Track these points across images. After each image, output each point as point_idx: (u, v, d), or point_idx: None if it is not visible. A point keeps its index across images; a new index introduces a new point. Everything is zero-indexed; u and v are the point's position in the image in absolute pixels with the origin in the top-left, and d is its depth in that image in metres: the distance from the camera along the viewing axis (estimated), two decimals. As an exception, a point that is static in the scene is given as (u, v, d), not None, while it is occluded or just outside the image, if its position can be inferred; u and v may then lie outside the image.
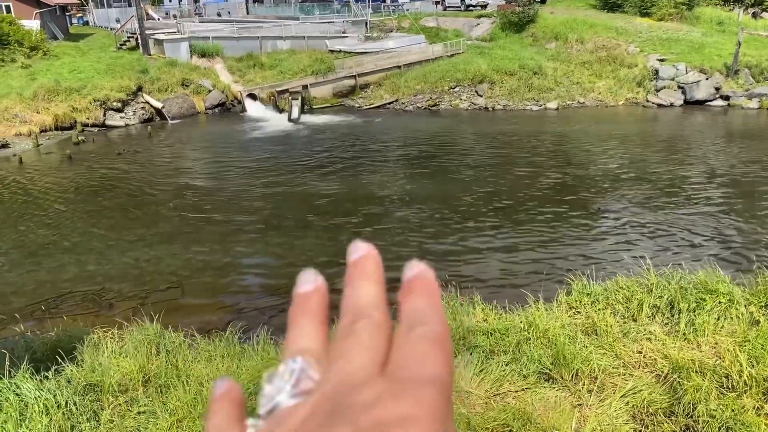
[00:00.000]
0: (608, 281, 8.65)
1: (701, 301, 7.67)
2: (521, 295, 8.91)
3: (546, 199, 17.12)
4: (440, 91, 33.31)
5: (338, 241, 14.46)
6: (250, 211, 16.92)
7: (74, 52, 35.97)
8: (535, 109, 31.19)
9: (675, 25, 38.59)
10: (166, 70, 32.93)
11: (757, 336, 6.75)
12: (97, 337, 8.07)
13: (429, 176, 19.73)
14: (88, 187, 19.68)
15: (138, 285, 12.50)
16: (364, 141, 25.47)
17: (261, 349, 7.21)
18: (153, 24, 44.38)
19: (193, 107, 31.76)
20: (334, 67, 35.09)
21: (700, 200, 16.62)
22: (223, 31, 38.69)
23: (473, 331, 7.18)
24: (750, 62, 31.76)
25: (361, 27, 42.39)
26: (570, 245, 13.88)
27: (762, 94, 29.77)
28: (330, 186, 19.01)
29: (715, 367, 6.35)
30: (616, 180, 18.68)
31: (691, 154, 21.73)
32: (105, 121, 29.10)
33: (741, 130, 25.79)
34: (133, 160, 23.23)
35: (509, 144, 23.99)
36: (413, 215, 16.13)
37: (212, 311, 11.29)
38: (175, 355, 7.39)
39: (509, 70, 33.42)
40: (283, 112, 31.70)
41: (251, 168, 21.54)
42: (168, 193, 18.93)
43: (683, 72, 32.13)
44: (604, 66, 34.12)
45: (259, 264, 13.53)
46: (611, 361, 6.63)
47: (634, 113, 30.06)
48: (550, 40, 37.74)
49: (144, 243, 14.79)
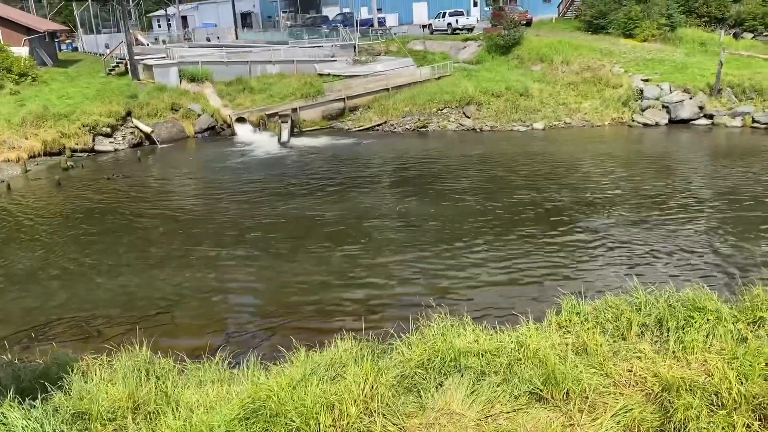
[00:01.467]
0: (597, 300, 8.69)
1: (690, 319, 7.72)
2: (511, 314, 8.94)
3: (534, 218, 17.22)
4: (428, 112, 33.59)
5: (329, 264, 14.45)
6: (240, 235, 16.89)
7: (63, 78, 36.06)
8: (522, 130, 31.48)
9: (658, 45, 39.21)
10: (156, 94, 33.06)
11: (746, 353, 6.79)
12: (85, 364, 7.99)
13: (418, 197, 19.82)
14: (76, 213, 19.60)
15: (127, 310, 12.41)
16: (354, 163, 25.58)
17: (251, 374, 7.16)
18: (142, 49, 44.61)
19: (183, 131, 31.83)
20: (323, 90, 35.34)
21: (686, 218, 16.77)
22: (213, 55, 38.97)
23: (464, 352, 7.18)
24: (732, 81, 32.27)
25: (349, 51, 42.78)
26: (559, 264, 13.93)
27: (745, 112, 30.21)
28: (320, 208, 19.04)
29: (704, 385, 6.38)
30: (604, 199, 18.83)
31: (678, 173, 21.96)
32: (94, 147, 29.10)
33: (726, 148, 26.12)
34: (122, 184, 23.19)
35: (497, 164, 24.16)
36: (403, 236, 16.16)
37: (202, 336, 11.21)
38: (164, 380, 7.33)
39: (496, 92, 33.78)
40: (273, 135, 31.82)
41: (241, 191, 21.54)
42: (157, 217, 18.88)
43: (667, 92, 32.59)
44: (589, 87, 34.55)
45: (249, 288, 13.49)
46: (602, 380, 6.65)
47: (620, 133, 30.40)
48: (536, 62, 38.21)
49: (133, 268, 14.72)
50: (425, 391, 6.52)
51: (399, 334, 8.03)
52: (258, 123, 32.80)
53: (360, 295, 12.72)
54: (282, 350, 8.23)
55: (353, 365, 6.97)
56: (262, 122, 32.75)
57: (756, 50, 38.93)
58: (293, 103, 34.16)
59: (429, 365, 6.96)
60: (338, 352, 7.49)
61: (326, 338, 9.01)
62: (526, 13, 47.08)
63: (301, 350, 7.69)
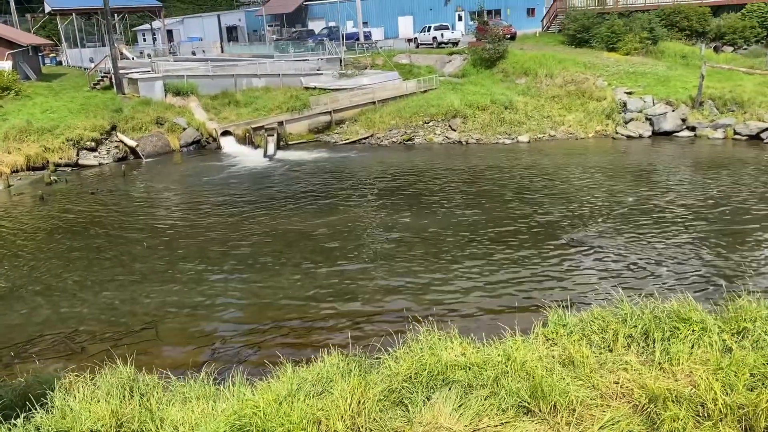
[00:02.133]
0: (583, 312, 8.72)
1: (675, 330, 7.77)
2: (499, 327, 8.93)
3: (520, 230, 17.29)
4: (414, 125, 33.71)
5: (315, 278, 14.40)
6: (226, 249, 16.80)
7: (47, 93, 35.81)
8: (507, 143, 31.67)
9: (641, 59, 39.70)
10: (141, 108, 32.94)
11: (730, 364, 6.83)
12: (68, 381, 7.88)
13: (405, 210, 19.83)
14: (60, 228, 19.41)
15: (111, 327, 12.27)
16: (341, 176, 25.59)
17: (237, 390, 7.09)
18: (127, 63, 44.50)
19: (168, 145, 31.70)
20: (310, 103, 35.39)
21: (670, 229, 16.91)
22: (198, 69, 38.91)
23: (451, 365, 7.17)
24: (713, 94, 32.70)
25: (335, 64, 42.93)
26: (545, 276, 13.98)
27: (726, 124, 30.61)
28: (306, 222, 18.99)
29: (690, 396, 6.41)
30: (589, 210, 18.95)
31: (662, 184, 22.17)
32: (78, 161, 28.89)
33: (709, 160, 26.42)
34: (106, 199, 23.01)
35: (482, 177, 24.28)
36: (390, 249, 16.15)
37: (187, 352, 11.10)
38: (149, 398, 7.25)
39: (481, 105, 33.98)
40: (259, 148, 31.78)
41: (226, 205, 21.46)
42: (142, 232, 18.74)
43: (650, 104, 32.96)
44: (573, 100, 34.87)
45: (234, 303, 13.39)
46: (589, 393, 6.66)
47: (604, 145, 30.68)
48: (520, 75, 38.53)
49: (118, 283, 14.58)
50: (413, 405, 6.50)
51: (386, 348, 8.00)
52: (244, 136, 32.74)
53: (347, 309, 12.67)
54: (268, 365, 8.17)
55: (340, 380, 6.93)
56: (248, 136, 32.70)
57: (736, 63, 39.55)
58: (279, 116, 34.16)
59: (416, 379, 6.94)
60: (325, 366, 7.45)
61: (313, 353, 8.97)
62: (510, 27, 47.53)
63: (288, 365, 7.64)
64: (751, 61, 39.80)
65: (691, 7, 45.06)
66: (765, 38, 42.86)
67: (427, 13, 59.95)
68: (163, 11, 57.77)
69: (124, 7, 56.48)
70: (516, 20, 53.94)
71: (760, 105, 31.26)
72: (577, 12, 46.00)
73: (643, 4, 46.77)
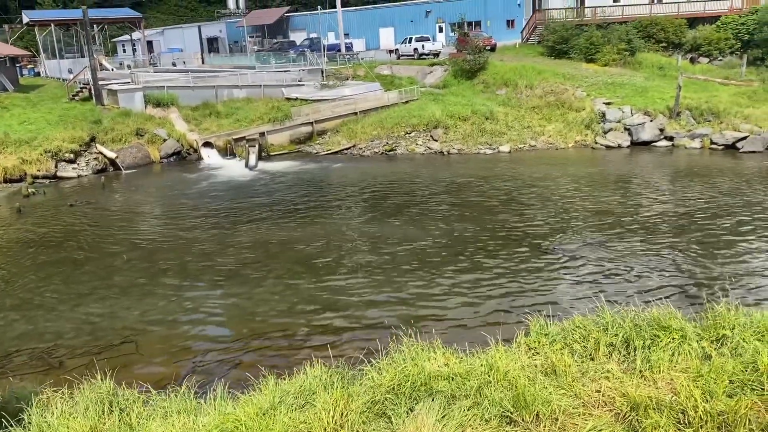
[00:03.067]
0: (565, 321, 8.77)
1: (655, 338, 7.84)
2: (481, 336, 8.94)
3: (501, 239, 17.37)
4: (396, 136, 33.82)
5: (297, 289, 14.33)
6: (207, 261, 16.67)
7: (25, 104, 35.41)
8: (488, 153, 31.88)
9: (619, 70, 40.27)
10: (120, 120, 32.68)
11: (710, 371, 6.90)
12: (46, 397, 7.76)
13: (387, 221, 19.85)
14: (38, 241, 19.13)
15: (90, 341, 12.09)
16: (323, 186, 25.56)
17: (218, 404, 7.02)
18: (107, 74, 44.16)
19: (148, 157, 31.46)
20: (291, 114, 35.37)
21: (650, 237, 17.10)
22: (179, 80, 38.73)
23: (434, 376, 7.15)
24: (690, 104, 33.25)
25: (317, 75, 42.98)
26: (527, 285, 14.05)
27: (703, 134, 31.11)
28: (288, 233, 18.92)
29: (671, 404, 6.46)
30: (569, 220, 19.11)
31: (641, 193, 22.43)
32: (57, 173, 28.56)
33: (686, 169, 26.80)
34: (85, 211, 22.75)
35: (464, 187, 24.39)
36: (372, 260, 16.13)
37: (168, 365, 10.97)
38: (128, 412, 7.15)
39: (462, 116, 34.21)
40: (240, 159, 31.66)
41: (207, 217, 21.31)
42: (122, 244, 18.54)
43: (629, 114, 33.41)
44: (553, 110, 35.24)
45: (216, 315, 13.27)
46: (571, 402, 6.68)
47: (584, 155, 31.00)
48: (501, 86, 38.87)
49: (97, 297, 14.38)
50: (396, 416, 6.47)
51: (369, 359, 7.97)
52: (225, 147, 32.61)
53: (329, 320, 12.62)
54: (250, 378, 8.10)
55: (323, 392, 6.89)
56: (229, 147, 32.57)
57: (712, 74, 40.30)
58: (261, 127, 34.08)
59: (399, 390, 6.91)
60: (307, 379, 7.40)
61: (295, 365, 8.91)
62: (490, 39, 47.96)
63: (270, 378, 7.58)
64: (726, 72, 40.60)
65: (668, 19, 45.85)
66: (739, 50, 43.71)
67: (408, 24, 60.36)
68: (143, 22, 57.51)
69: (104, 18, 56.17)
70: (496, 32, 54.47)
71: (735, 115, 31.87)
72: (556, 23, 46.55)
73: (620, 15, 47.48)
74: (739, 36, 44.15)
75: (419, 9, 61.17)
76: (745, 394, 6.44)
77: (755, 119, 31.33)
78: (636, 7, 48.29)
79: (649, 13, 47.44)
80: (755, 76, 38.55)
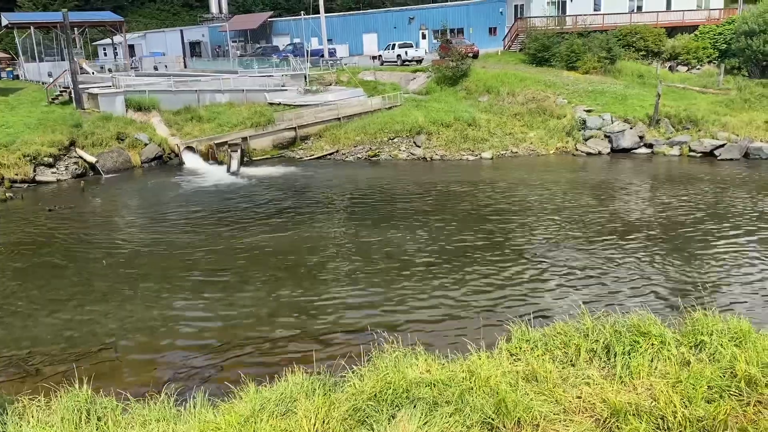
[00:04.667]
0: (546, 327, 8.82)
1: (635, 344, 7.91)
2: (463, 343, 8.96)
3: (483, 246, 17.43)
4: (379, 142, 33.86)
5: (279, 295, 14.25)
6: (187, 267, 16.53)
7: (3, 107, 34.94)
8: (471, 159, 32.03)
9: (599, 77, 40.71)
10: (101, 124, 32.32)
11: (689, 377, 6.98)
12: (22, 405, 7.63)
13: (370, 226, 19.83)
14: (14, 246, 18.84)
15: (68, 347, 11.92)
16: (305, 192, 25.49)
17: (198, 412, 6.95)
18: (87, 78, 43.73)
19: (129, 161, 31.15)
20: (274, 119, 35.25)
21: (630, 244, 17.27)
22: (160, 84, 38.47)
23: (416, 382, 7.15)
24: (669, 112, 33.68)
25: (300, 80, 42.92)
26: (509, 291, 14.10)
27: (682, 141, 31.53)
28: (270, 238, 18.83)
29: (651, 409, 6.51)
30: (550, 226, 19.24)
31: (621, 200, 22.66)
32: (35, 177, 28.15)
33: (665, 176, 27.14)
34: (64, 216, 22.46)
35: (447, 193, 24.47)
36: (354, 265, 16.11)
37: (147, 372, 10.85)
38: (106, 421, 7.05)
39: (445, 122, 34.34)
40: (222, 164, 31.48)
41: (188, 221, 21.14)
42: (101, 249, 18.32)
43: (609, 122, 33.76)
44: (534, 117, 35.50)
45: (196, 321, 13.14)
46: (552, 408, 6.71)
47: (565, 161, 31.26)
48: (483, 93, 39.10)
49: (75, 303, 14.19)
50: (378, 423, 6.45)
51: (351, 366, 7.95)
52: (207, 152, 32.38)
53: (311, 326, 12.57)
54: (230, 386, 8.03)
55: (304, 399, 6.85)
56: (210, 151, 32.35)
57: (690, 83, 40.88)
58: (243, 132, 33.93)
59: (381, 397, 6.90)
60: (289, 386, 7.36)
61: (276, 372, 8.84)
62: (472, 46, 48.24)
63: (251, 385, 7.53)
64: (705, 81, 41.21)
65: (647, 28, 46.45)
66: (717, 59, 44.41)
67: (391, 31, 60.55)
68: (124, 26, 57.04)
69: (85, 21, 55.61)
70: (478, 39, 54.83)
71: (713, 123, 32.36)
72: (538, 32, 46.96)
73: (601, 24, 48.02)
74: (716, 45, 44.87)
75: (402, 15, 61.39)
76: (723, 400, 6.51)
77: (732, 127, 31.83)
78: (616, 16, 48.88)
79: (629, 21, 48.04)
80: (732, 85, 39.18)
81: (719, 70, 41.49)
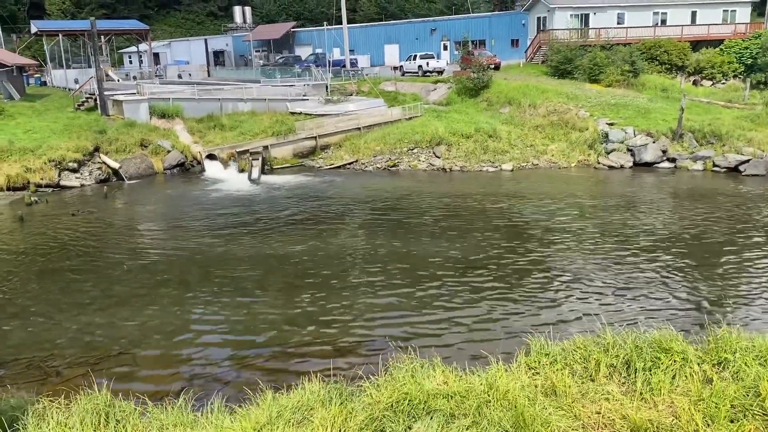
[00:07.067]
0: (566, 341, 8.72)
1: (656, 360, 7.79)
2: (481, 355, 8.90)
3: (503, 258, 17.33)
4: (399, 152, 33.90)
5: (297, 304, 14.28)
6: (207, 273, 16.64)
7: (30, 113, 35.61)
8: (491, 170, 31.93)
9: (622, 91, 40.44)
10: (125, 130, 32.81)
11: (711, 395, 6.85)
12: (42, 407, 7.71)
13: (389, 236, 19.83)
14: (38, 249, 19.12)
15: (88, 351, 12.04)
16: (325, 201, 25.57)
17: (215, 418, 6.97)
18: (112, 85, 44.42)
19: (152, 167, 31.53)
20: (295, 128, 35.50)
21: (652, 259, 17.06)
22: (184, 92, 38.94)
23: (433, 394, 7.10)
24: (693, 126, 33.34)
25: (321, 90, 43.20)
26: (528, 304, 13.99)
27: (706, 156, 31.16)
28: (289, 246, 18.90)
29: (672, 427, 6.40)
30: (572, 239, 19.08)
31: (642, 214, 22.42)
32: (60, 182, 28.61)
33: (688, 190, 26.82)
34: (87, 220, 22.76)
35: (466, 204, 24.39)
36: (373, 275, 16.10)
37: (165, 377, 10.91)
38: (124, 424, 7.10)
39: (465, 133, 34.31)
40: (243, 172, 31.73)
41: (209, 228, 21.31)
42: (122, 254, 18.52)
43: (631, 135, 33.49)
44: (556, 129, 35.32)
45: (215, 328, 13.21)
46: (571, 423, 6.62)
47: (586, 174, 31.03)
48: (504, 104, 39.02)
49: (96, 306, 14.35)
50: (394, 434, 6.41)
51: (368, 375, 7.93)
52: (228, 160, 32.67)
53: (329, 335, 12.57)
54: (248, 392, 8.05)
55: (321, 408, 6.84)
56: (232, 159, 32.64)
57: (715, 97, 40.45)
58: (264, 140, 34.19)
59: (398, 408, 6.86)
60: (305, 394, 7.35)
61: (293, 380, 8.85)
62: (494, 58, 48.28)
63: (268, 392, 7.53)
64: (730, 95, 40.74)
65: (671, 42, 46.13)
66: (742, 73, 43.90)
67: (413, 42, 60.78)
68: (150, 34, 57.93)
69: (111, 30, 56.61)
70: (500, 51, 54.85)
71: (738, 138, 31.92)
72: (560, 44, 46.85)
73: (624, 37, 47.79)
74: (742, 60, 44.39)
75: (424, 27, 61.62)
76: (747, 419, 6.38)
77: (758, 143, 31.37)
78: (640, 30, 48.64)
79: (653, 35, 47.75)
80: (758, 100, 38.69)
81: (745, 85, 41.00)
